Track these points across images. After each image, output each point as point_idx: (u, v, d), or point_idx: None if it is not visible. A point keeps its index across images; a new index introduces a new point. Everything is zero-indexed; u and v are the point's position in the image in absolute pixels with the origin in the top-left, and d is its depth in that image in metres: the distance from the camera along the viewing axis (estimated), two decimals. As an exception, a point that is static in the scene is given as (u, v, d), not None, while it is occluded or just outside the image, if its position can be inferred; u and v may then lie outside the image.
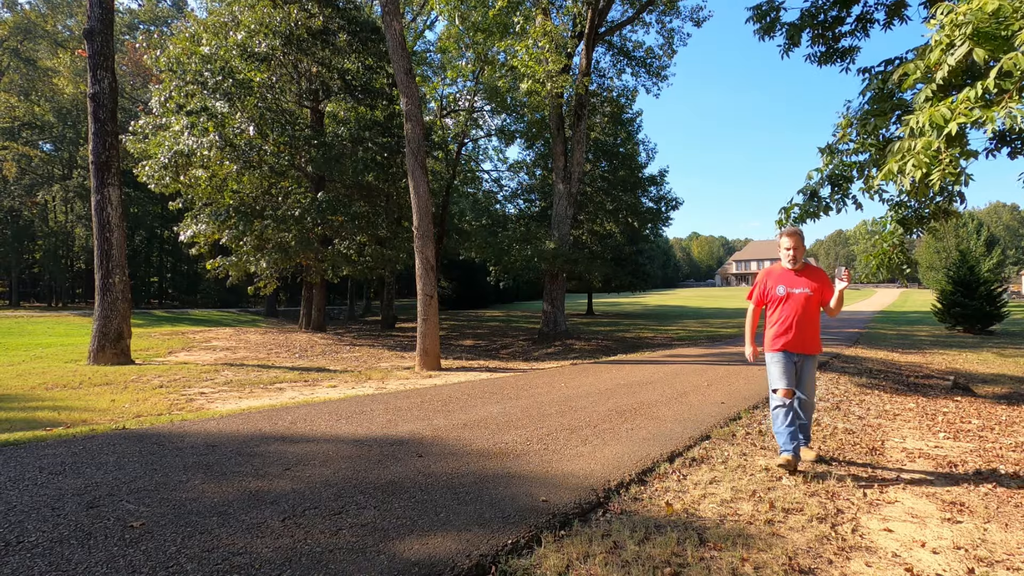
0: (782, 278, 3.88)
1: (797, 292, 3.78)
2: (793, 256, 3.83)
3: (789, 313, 3.79)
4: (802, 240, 3.86)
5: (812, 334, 3.81)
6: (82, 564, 2.24)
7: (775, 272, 3.96)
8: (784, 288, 3.83)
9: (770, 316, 3.90)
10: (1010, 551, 2.65)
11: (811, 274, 3.84)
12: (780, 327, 3.81)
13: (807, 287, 3.77)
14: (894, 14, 7.15)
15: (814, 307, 3.80)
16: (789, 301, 3.80)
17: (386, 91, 16.73)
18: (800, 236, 3.84)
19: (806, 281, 3.80)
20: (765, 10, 7.43)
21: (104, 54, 9.49)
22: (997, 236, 64.40)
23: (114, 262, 9.47)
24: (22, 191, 30.20)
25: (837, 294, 3.75)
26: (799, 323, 3.75)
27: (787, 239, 3.86)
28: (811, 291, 3.77)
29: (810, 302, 3.77)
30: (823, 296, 3.81)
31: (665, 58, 19.48)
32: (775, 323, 3.84)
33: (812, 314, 3.80)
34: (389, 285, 21.74)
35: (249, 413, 5.20)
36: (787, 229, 3.88)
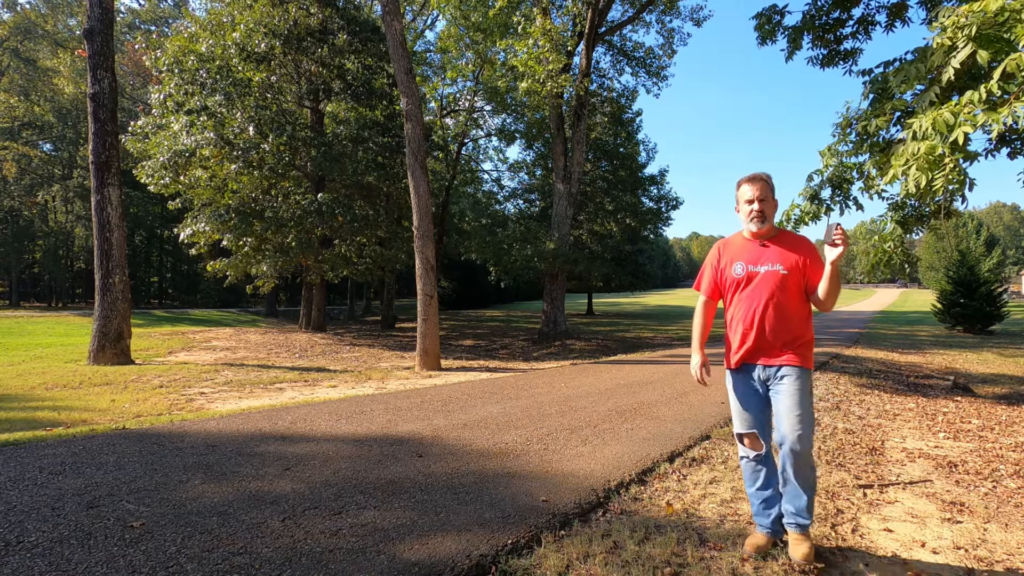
0: (742, 252, 2.56)
1: (763, 271, 2.47)
2: (758, 214, 2.48)
3: (752, 304, 2.47)
4: (772, 190, 2.53)
5: (791, 335, 2.44)
6: (82, 564, 2.24)
7: (733, 244, 2.64)
8: (744, 266, 2.52)
9: (726, 313, 2.65)
10: (1010, 551, 2.65)
11: (788, 243, 2.51)
12: (738, 328, 2.52)
13: (780, 263, 2.45)
14: (895, 16, 7.15)
15: (793, 294, 2.45)
16: (752, 286, 2.49)
17: (386, 91, 16.73)
18: (768, 184, 2.52)
19: (779, 254, 2.47)
20: (768, 16, 7.44)
21: (104, 54, 9.48)
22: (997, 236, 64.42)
23: (114, 262, 9.47)
24: (22, 191, 30.20)
25: (830, 270, 2.34)
26: (768, 319, 2.44)
27: (748, 187, 2.52)
28: (786, 269, 2.44)
29: (786, 286, 2.44)
30: (808, 276, 2.44)
31: (665, 58, 19.49)
32: (731, 323, 2.58)
33: (789, 304, 2.44)
34: (389, 285, 21.74)
35: (249, 413, 5.20)
36: (749, 175, 2.57)
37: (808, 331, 2.49)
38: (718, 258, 2.65)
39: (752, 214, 2.51)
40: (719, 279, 2.64)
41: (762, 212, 2.49)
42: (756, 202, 2.49)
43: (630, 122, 25.53)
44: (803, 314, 2.48)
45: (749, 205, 2.51)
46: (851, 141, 5.77)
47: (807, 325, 2.50)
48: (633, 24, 18.31)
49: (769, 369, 2.46)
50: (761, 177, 2.52)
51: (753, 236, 2.55)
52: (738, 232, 2.67)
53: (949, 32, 3.83)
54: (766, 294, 2.45)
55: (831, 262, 2.31)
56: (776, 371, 2.45)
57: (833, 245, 2.29)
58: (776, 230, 2.57)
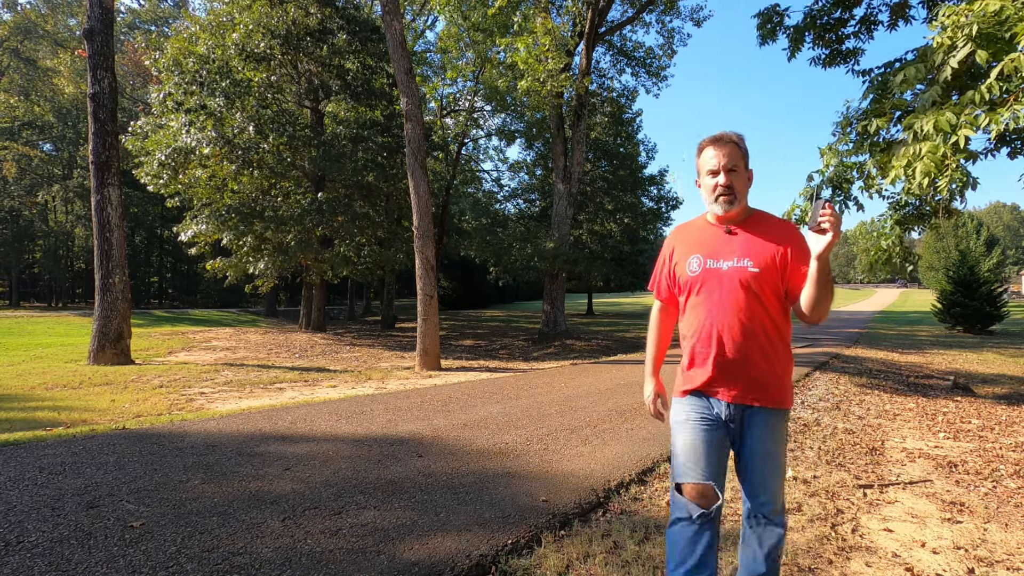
0: (701, 241, 1.87)
1: (727, 268, 1.78)
2: (725, 189, 1.78)
3: (710, 315, 1.79)
4: (745, 157, 1.82)
5: (764, 360, 1.76)
6: (82, 564, 2.24)
7: (691, 230, 1.94)
8: (700, 261, 1.83)
9: (681, 322, 1.95)
10: (1010, 551, 2.65)
11: (764, 230, 1.80)
12: (692, 344, 1.85)
13: (750, 257, 1.76)
14: (898, 15, 7.14)
15: (768, 300, 1.75)
16: (709, 287, 1.80)
17: (386, 91, 16.74)
18: (739, 148, 1.81)
19: (749, 245, 1.78)
20: (768, 16, 7.44)
21: (104, 54, 9.48)
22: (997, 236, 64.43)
23: (114, 262, 9.47)
24: (22, 191, 30.21)
25: (816, 267, 1.61)
26: (731, 337, 1.75)
27: (713, 152, 1.80)
28: (759, 265, 1.74)
29: (758, 289, 1.74)
30: (789, 276, 1.75)
31: (665, 58, 19.49)
32: (684, 336, 1.91)
33: (763, 315, 1.76)
34: (389, 285, 21.74)
35: (249, 413, 5.20)
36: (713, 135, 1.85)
37: (788, 352, 1.81)
38: (671, 249, 1.96)
39: (717, 190, 1.78)
40: (671, 278, 1.94)
41: (730, 187, 1.76)
42: (722, 172, 1.77)
43: (630, 122, 25.54)
44: (780, 328, 1.77)
45: (712, 177, 1.79)
46: (851, 140, 5.77)
47: (786, 344, 1.80)
48: (633, 24, 18.31)
49: (735, 408, 1.76)
50: (730, 138, 1.79)
51: (718, 220, 1.85)
52: (701, 215, 1.94)
53: (949, 32, 3.84)
54: (730, 301, 1.74)
55: (818, 255, 1.58)
56: (744, 412, 1.76)
57: (820, 231, 1.57)
58: (749, 212, 1.85)
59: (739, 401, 1.77)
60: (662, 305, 2.09)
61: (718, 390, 1.80)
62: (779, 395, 1.78)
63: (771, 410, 1.77)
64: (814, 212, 1.62)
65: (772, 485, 1.80)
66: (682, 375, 1.91)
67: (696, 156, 1.89)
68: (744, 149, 1.83)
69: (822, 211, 1.59)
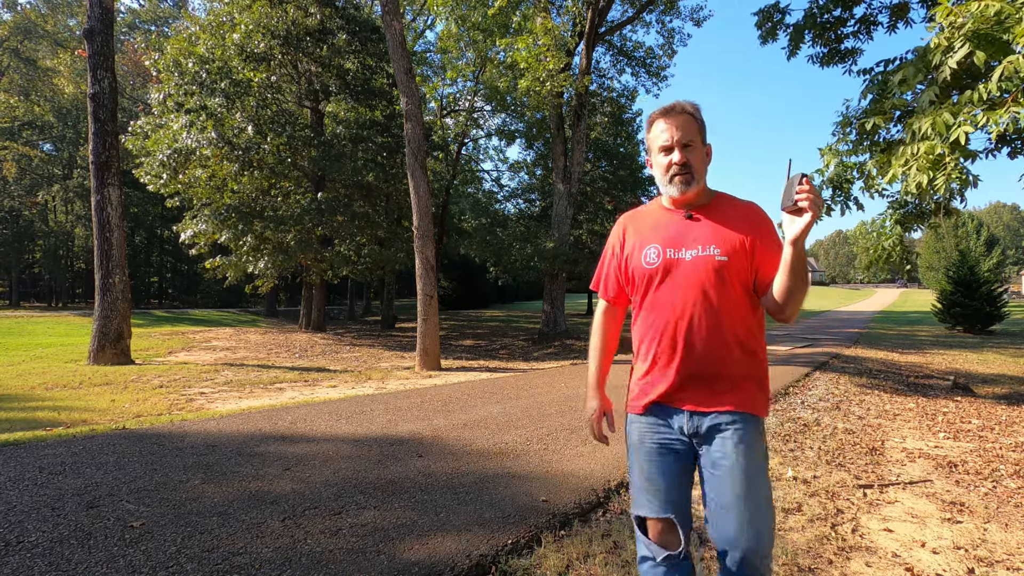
0: (658, 229, 1.63)
1: (690, 258, 1.55)
2: (681, 168, 1.55)
3: (672, 311, 1.55)
4: (702, 130, 1.60)
5: (735, 361, 1.54)
6: (82, 564, 2.24)
7: (644, 218, 1.70)
8: (659, 251, 1.59)
9: (634, 325, 1.68)
10: (1010, 551, 2.65)
11: (728, 214, 1.58)
12: (650, 350, 1.60)
13: (716, 244, 1.53)
14: (898, 16, 7.15)
15: (736, 292, 1.54)
16: (671, 282, 1.56)
17: (386, 91, 16.74)
18: (695, 119, 1.59)
19: (713, 232, 1.56)
20: (768, 13, 7.44)
21: (104, 54, 9.48)
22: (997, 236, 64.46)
23: (114, 262, 9.47)
24: (22, 191, 30.21)
25: (790, 253, 1.38)
26: (697, 335, 1.53)
27: (665, 125, 1.57)
28: (725, 253, 1.52)
29: (725, 281, 1.52)
30: (759, 264, 1.53)
31: (665, 58, 19.49)
32: (639, 341, 1.65)
33: (733, 309, 1.53)
34: (389, 285, 21.74)
35: (249, 413, 5.20)
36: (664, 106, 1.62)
37: (761, 351, 1.57)
38: (622, 239, 1.69)
39: (671, 169, 1.54)
40: (622, 272, 1.68)
41: (686, 165, 1.53)
42: (677, 149, 1.53)
43: (630, 122, 25.52)
44: (752, 325, 1.55)
45: (666, 155, 1.55)
46: (851, 140, 5.77)
47: (759, 343, 1.57)
48: (633, 24, 18.31)
49: (700, 419, 1.52)
50: (683, 108, 1.56)
51: (675, 204, 1.61)
52: (655, 199, 1.72)
53: (946, 32, 3.84)
54: (697, 295, 1.50)
55: (793, 240, 1.34)
56: (712, 423, 1.50)
57: (796, 211, 1.34)
58: (711, 194, 1.62)
59: (705, 408, 1.51)
60: (608, 306, 1.80)
61: (682, 400, 1.54)
62: (753, 399, 1.52)
63: (743, 416, 1.49)
64: (788, 189, 1.37)
65: (748, 514, 1.40)
66: (636, 386, 1.63)
67: (646, 131, 1.66)
68: (700, 120, 1.60)
69: (798, 187, 1.34)
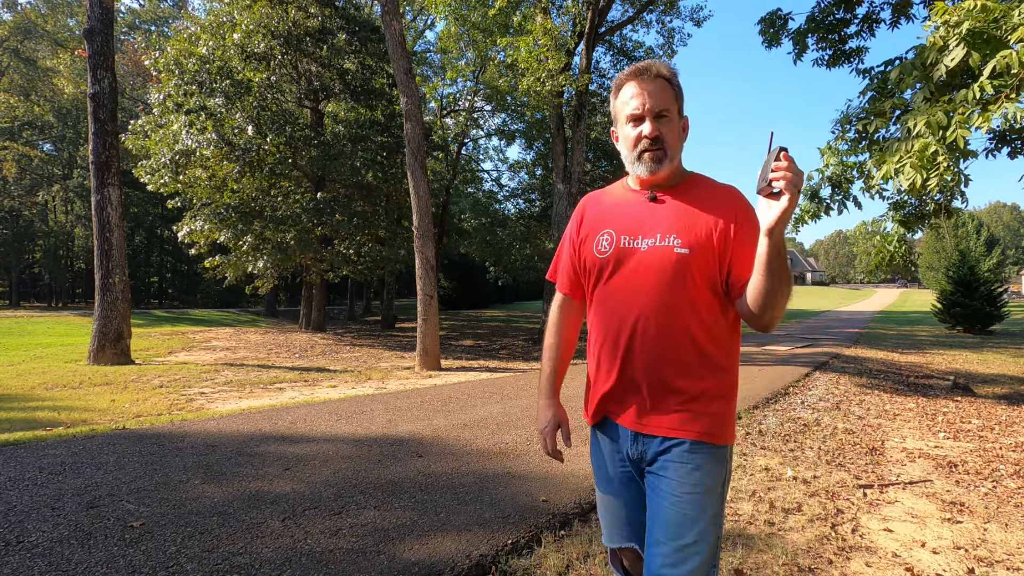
0: (616, 212, 1.40)
1: (646, 248, 1.29)
2: (650, 143, 1.29)
3: (619, 310, 1.32)
4: (678, 97, 1.33)
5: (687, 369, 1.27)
6: (82, 564, 2.24)
7: (606, 199, 1.47)
8: (612, 238, 1.35)
9: (588, 319, 1.49)
10: (1010, 551, 2.65)
11: (699, 198, 1.32)
12: (597, 351, 1.39)
13: (678, 233, 1.27)
14: (900, 12, 7.14)
15: (699, 292, 1.26)
16: (622, 273, 1.32)
17: (386, 91, 16.75)
18: (671, 84, 1.32)
19: (677, 217, 1.30)
20: (771, 21, 7.44)
21: (104, 54, 9.48)
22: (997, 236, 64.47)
23: (114, 262, 9.47)
24: (22, 191, 30.21)
25: (766, 246, 1.10)
26: (643, 340, 1.28)
27: (634, 89, 1.30)
28: (688, 245, 1.25)
29: (685, 277, 1.25)
30: (731, 259, 1.25)
31: (665, 58, 19.49)
32: (589, 337, 1.45)
33: (692, 312, 1.26)
34: (389, 285, 21.75)
35: (249, 413, 5.20)
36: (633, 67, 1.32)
37: (730, 364, 1.30)
38: (579, 223, 1.46)
39: (640, 143, 1.29)
40: (577, 261, 1.45)
41: (658, 139, 1.28)
42: (648, 120, 1.27)
43: (630, 122, 25.51)
44: (719, 332, 1.28)
45: (635, 126, 1.30)
46: (850, 139, 5.78)
47: (728, 355, 1.30)
48: (633, 24, 18.32)
49: (644, 444, 1.28)
50: (658, 71, 1.29)
51: (642, 185, 1.36)
52: (622, 179, 1.47)
53: (941, 31, 3.84)
54: (647, 292, 1.26)
55: (768, 229, 1.09)
56: (658, 450, 1.26)
57: (770, 195, 1.09)
58: (684, 174, 1.37)
59: (648, 431, 1.26)
60: (565, 299, 1.54)
61: (619, 415, 1.32)
62: (711, 424, 1.24)
63: (698, 445, 1.23)
64: (765, 168, 1.09)
65: (674, 557, 1.18)
66: (585, 395, 1.46)
67: (612, 97, 1.37)
68: (677, 87, 1.32)
69: (775, 164, 1.06)
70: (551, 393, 1.54)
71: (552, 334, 1.56)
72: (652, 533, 1.25)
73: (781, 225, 1.09)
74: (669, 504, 1.23)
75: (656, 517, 1.25)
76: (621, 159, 1.38)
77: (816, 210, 6.05)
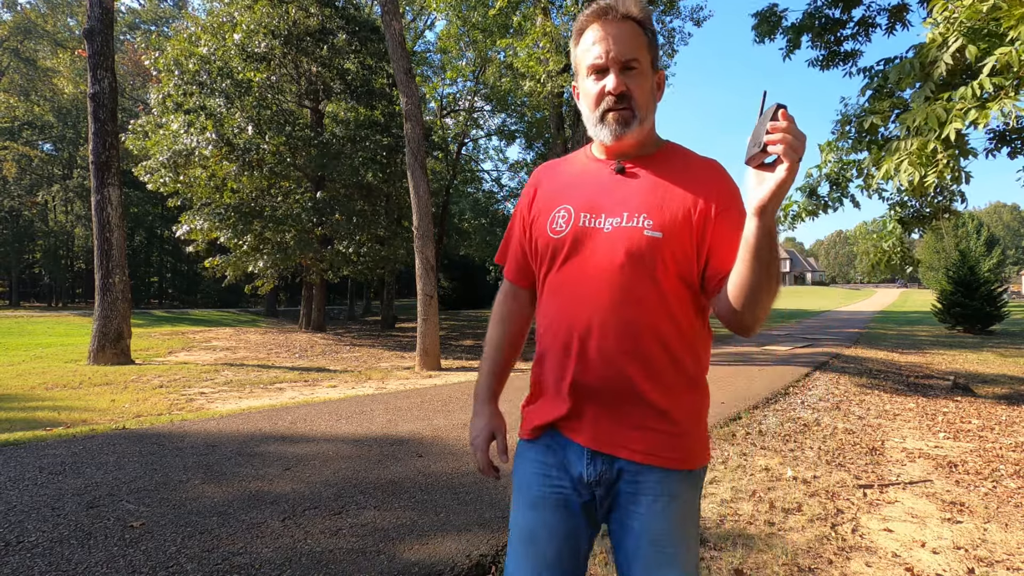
0: (575, 185, 1.13)
1: (610, 229, 1.04)
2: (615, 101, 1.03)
3: (573, 303, 1.06)
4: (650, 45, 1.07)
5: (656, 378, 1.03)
6: (82, 564, 2.24)
7: (564, 170, 1.19)
8: (570, 215, 1.09)
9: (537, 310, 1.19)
10: (1010, 551, 2.65)
11: (673, 171, 1.08)
12: (543, 346, 1.13)
13: (649, 213, 1.03)
14: (896, 18, 7.15)
15: (670, 283, 1.02)
16: (579, 259, 1.07)
17: (386, 91, 16.75)
18: (643, 29, 1.05)
19: (648, 194, 1.05)
20: (766, 16, 7.45)
21: (104, 54, 9.48)
22: (997, 236, 64.49)
23: (114, 262, 9.47)
24: (22, 191, 30.22)
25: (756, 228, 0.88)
26: (606, 337, 1.02)
27: (597, 32, 1.04)
28: (660, 227, 1.01)
29: (655, 265, 1.01)
30: (710, 245, 1.02)
31: (665, 58, 19.50)
32: (538, 331, 1.17)
33: (657, 307, 1.02)
34: (389, 285, 21.74)
35: (249, 413, 5.20)
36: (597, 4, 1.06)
37: (702, 374, 1.12)
38: (531, 198, 1.20)
39: (603, 101, 1.06)
40: (528, 243, 1.20)
41: (624, 96, 1.05)
42: (612, 71, 1.04)
43: (630, 122, 25.48)
44: (692, 335, 1.08)
45: (597, 80, 1.07)
46: (850, 137, 5.78)
47: (700, 362, 1.11)
48: (633, 24, 18.33)
49: (606, 465, 1.06)
50: (628, 11, 1.05)
51: (607, 153, 1.13)
52: (584, 147, 1.22)
53: (941, 28, 3.84)
54: (609, 282, 1.04)
55: (758, 207, 0.87)
56: (617, 473, 1.06)
57: (761, 165, 0.89)
58: (659, 143, 1.14)
59: (612, 451, 1.04)
60: (512, 287, 1.28)
61: (574, 430, 1.07)
62: (685, 446, 1.05)
63: (670, 472, 1.04)
64: (757, 131, 0.88)
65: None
66: (527, 401, 1.20)
67: (572, 43, 1.13)
68: (651, 31, 1.08)
69: (771, 125, 0.84)
70: (487, 398, 1.30)
71: (495, 328, 1.30)
72: (630, 571, 1.06)
73: (776, 202, 0.86)
74: (647, 543, 1.03)
75: (633, 558, 1.04)
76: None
77: (814, 208, 6.05)
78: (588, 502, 1.08)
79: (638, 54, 1.05)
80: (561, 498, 1.09)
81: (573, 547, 1.09)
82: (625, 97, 1.04)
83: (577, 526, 1.09)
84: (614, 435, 1.04)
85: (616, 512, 1.07)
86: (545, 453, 1.12)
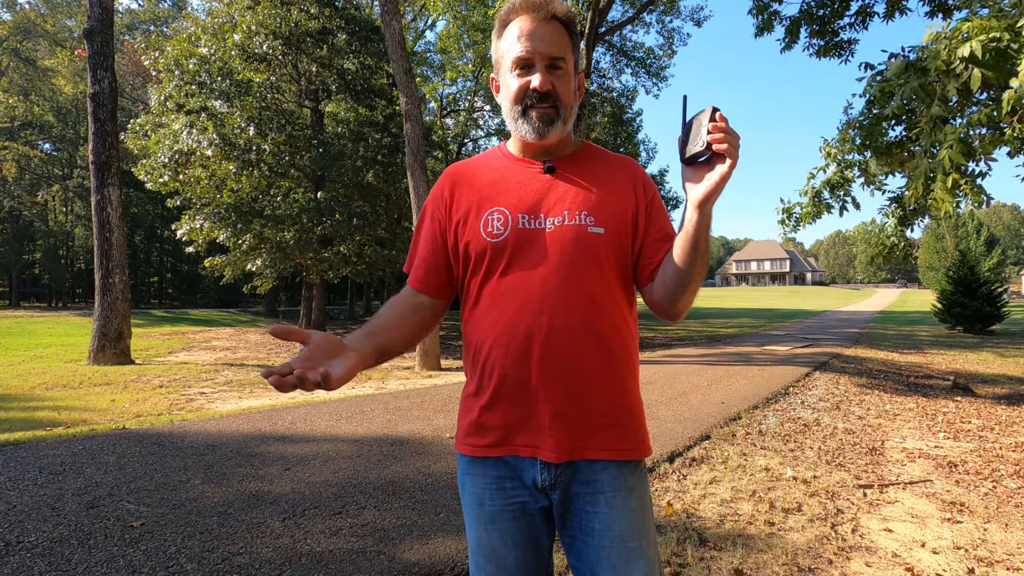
0: (506, 187, 1.08)
1: (553, 228, 1.03)
2: (540, 99, 1.03)
3: (526, 305, 1.01)
4: (573, 45, 1.06)
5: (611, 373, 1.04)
6: (82, 564, 2.24)
7: (483, 171, 1.13)
8: (507, 218, 1.05)
9: (465, 326, 1.13)
10: (1010, 551, 2.65)
11: (600, 169, 1.11)
12: (486, 363, 1.06)
13: (590, 211, 1.05)
14: (894, 6, 7.14)
15: (610, 280, 1.05)
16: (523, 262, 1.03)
17: (386, 91, 16.76)
18: (565, 28, 1.05)
19: (584, 192, 1.07)
20: (764, 6, 7.44)
21: (104, 54, 9.48)
22: (997, 236, 64.49)
23: (114, 262, 9.47)
24: (22, 191, 30.23)
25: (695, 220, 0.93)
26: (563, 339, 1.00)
27: (524, 25, 1.02)
28: (602, 224, 1.04)
29: (597, 261, 1.03)
30: (644, 240, 1.09)
31: (665, 58, 19.52)
32: (475, 344, 1.09)
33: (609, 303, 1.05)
34: (389, 285, 21.77)
35: (249, 413, 5.20)
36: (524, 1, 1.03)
37: (636, 363, 1.14)
38: (447, 202, 1.13)
39: (526, 96, 1.04)
40: (452, 247, 1.12)
41: (550, 94, 1.03)
42: (537, 67, 1.03)
43: (630, 122, 25.49)
44: (625, 330, 1.10)
45: (520, 75, 1.04)
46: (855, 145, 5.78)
47: (634, 352, 1.13)
48: (633, 24, 18.32)
49: (556, 470, 1.03)
50: (555, 11, 1.04)
51: (527, 151, 1.12)
52: (494, 147, 1.20)
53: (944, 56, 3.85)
54: (562, 283, 1.02)
55: (699, 200, 0.92)
56: (572, 474, 1.04)
57: (699, 164, 0.95)
58: (577, 143, 1.16)
59: (570, 456, 1.02)
60: (415, 294, 1.16)
61: (538, 447, 1.02)
62: (635, 437, 1.06)
63: (624, 464, 1.05)
64: (694, 132, 0.93)
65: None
66: (468, 416, 1.10)
67: (495, 35, 1.10)
68: (576, 34, 1.07)
69: (712, 125, 0.89)
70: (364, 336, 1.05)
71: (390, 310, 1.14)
72: (596, 569, 1.02)
73: (717, 194, 0.91)
74: (611, 540, 1.01)
75: (597, 561, 1.02)
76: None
77: (817, 209, 6.04)
78: (546, 507, 1.07)
79: (564, 53, 1.05)
80: (519, 507, 1.06)
81: (535, 551, 1.08)
82: (550, 96, 1.04)
83: (538, 532, 1.08)
84: (572, 440, 1.02)
85: (572, 519, 1.05)
86: (498, 467, 1.07)
